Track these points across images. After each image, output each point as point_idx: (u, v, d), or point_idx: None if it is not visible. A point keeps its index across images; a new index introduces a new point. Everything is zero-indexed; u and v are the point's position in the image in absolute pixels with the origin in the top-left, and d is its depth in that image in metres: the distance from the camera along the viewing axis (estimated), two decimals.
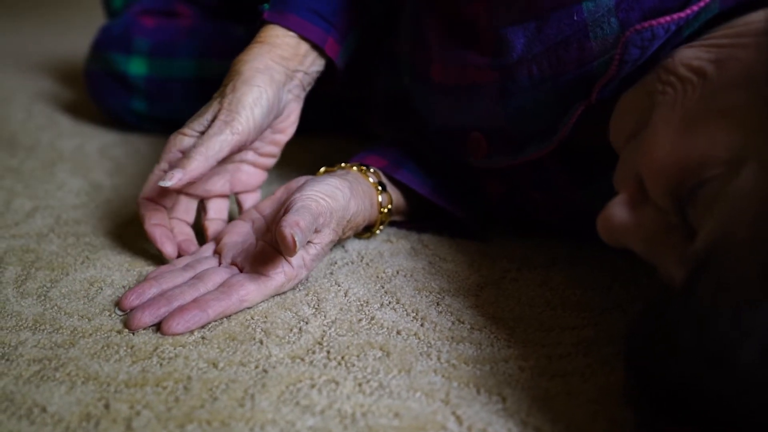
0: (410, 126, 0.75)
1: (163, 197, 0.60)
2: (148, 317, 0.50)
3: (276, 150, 0.66)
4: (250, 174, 0.65)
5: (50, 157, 0.88)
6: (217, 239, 0.60)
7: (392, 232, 0.68)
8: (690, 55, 0.44)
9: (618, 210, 0.45)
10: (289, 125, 0.65)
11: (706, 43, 0.44)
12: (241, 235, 0.60)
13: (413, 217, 0.70)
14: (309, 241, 0.55)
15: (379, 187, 0.64)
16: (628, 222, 0.44)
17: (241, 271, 0.56)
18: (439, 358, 0.48)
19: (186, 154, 0.56)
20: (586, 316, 0.54)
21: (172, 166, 0.57)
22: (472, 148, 0.63)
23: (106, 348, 0.48)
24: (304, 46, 0.64)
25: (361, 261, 0.62)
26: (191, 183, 0.57)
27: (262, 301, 0.54)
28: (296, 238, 0.50)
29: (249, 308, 0.54)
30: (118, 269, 0.59)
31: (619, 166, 0.47)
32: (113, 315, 0.52)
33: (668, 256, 0.42)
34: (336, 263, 0.62)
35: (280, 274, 0.54)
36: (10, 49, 1.59)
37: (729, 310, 0.33)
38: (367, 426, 0.42)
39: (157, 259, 0.61)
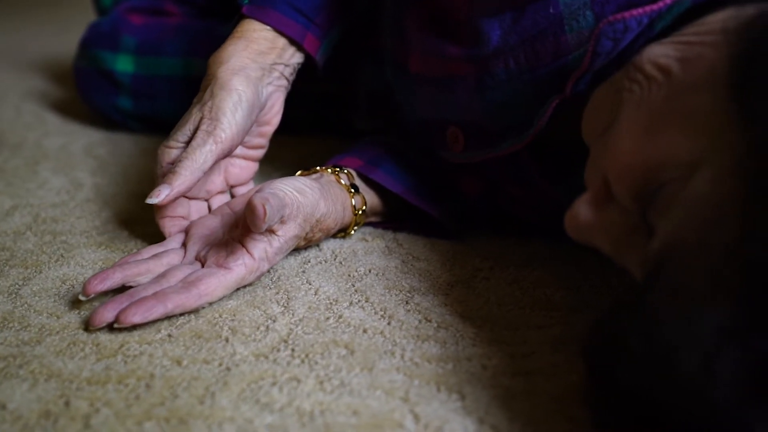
0: (392, 122, 0.76)
1: (174, 207, 0.61)
2: (110, 313, 0.50)
3: (264, 141, 0.66)
4: (243, 167, 0.66)
5: (34, 156, 0.88)
6: (186, 230, 0.61)
7: (368, 231, 0.68)
8: (658, 52, 0.43)
9: (583, 209, 0.45)
10: (273, 116, 0.66)
11: (675, 40, 0.44)
12: (208, 228, 0.60)
13: (390, 217, 0.70)
14: (273, 232, 0.55)
15: (352, 190, 0.65)
16: (593, 221, 0.44)
17: (203, 265, 0.56)
18: (402, 357, 0.48)
19: (172, 169, 0.57)
20: (555, 316, 0.54)
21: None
22: (449, 142, 0.64)
23: (72, 345, 0.49)
24: (282, 41, 0.64)
25: (335, 260, 0.62)
26: (181, 195, 0.58)
27: (225, 295, 0.54)
28: (267, 209, 0.51)
29: (216, 305, 0.54)
30: (92, 268, 0.60)
31: (589, 163, 0.47)
32: (82, 313, 0.53)
33: (633, 257, 0.42)
34: (309, 262, 0.62)
35: (241, 266, 0.54)
36: (7, 47, 1.60)
37: (675, 315, 0.33)
38: (325, 424, 0.42)
39: None
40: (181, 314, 0.52)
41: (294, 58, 0.66)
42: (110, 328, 0.50)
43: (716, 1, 0.43)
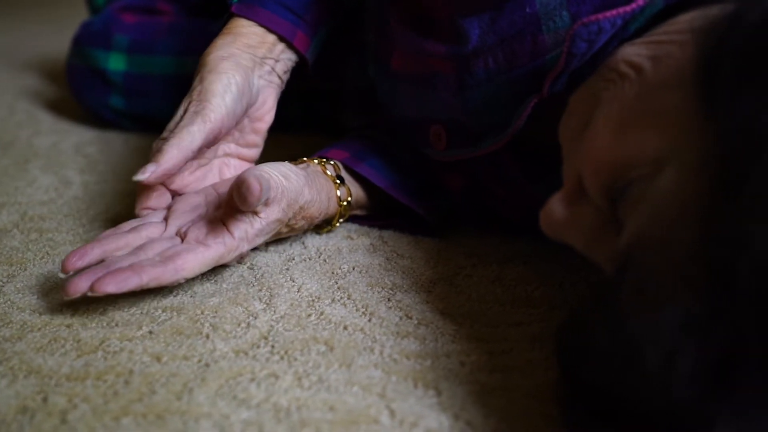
0: (378, 119, 0.76)
1: (158, 200, 0.60)
2: (85, 283, 0.49)
3: (258, 139, 0.66)
4: (237, 167, 0.65)
5: (25, 154, 0.88)
6: (169, 206, 0.60)
7: (353, 229, 0.69)
8: (631, 51, 0.44)
9: (557, 206, 0.45)
10: (266, 112, 0.65)
11: (647, 40, 0.44)
12: (191, 205, 0.59)
13: (375, 213, 0.70)
14: (255, 214, 0.55)
15: (338, 181, 0.65)
16: (566, 218, 0.44)
17: (183, 241, 0.55)
18: (381, 353, 0.49)
19: (159, 147, 0.57)
20: (535, 313, 0.54)
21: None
22: (432, 139, 0.64)
23: (53, 342, 0.49)
24: (272, 37, 0.64)
25: (319, 257, 0.63)
26: (169, 175, 0.57)
27: (201, 272, 0.54)
28: (261, 182, 0.51)
29: (198, 302, 0.54)
30: None
31: (565, 162, 0.47)
32: (64, 310, 0.53)
33: (605, 254, 0.43)
34: (293, 259, 0.62)
35: (221, 244, 0.54)
36: (2, 46, 1.60)
37: (639, 312, 0.33)
38: (301, 419, 0.42)
39: None
40: (163, 311, 0.53)
41: (285, 54, 0.66)
42: (88, 300, 0.50)
43: (689, 1, 0.44)
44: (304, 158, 0.66)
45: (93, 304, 0.53)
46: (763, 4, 0.34)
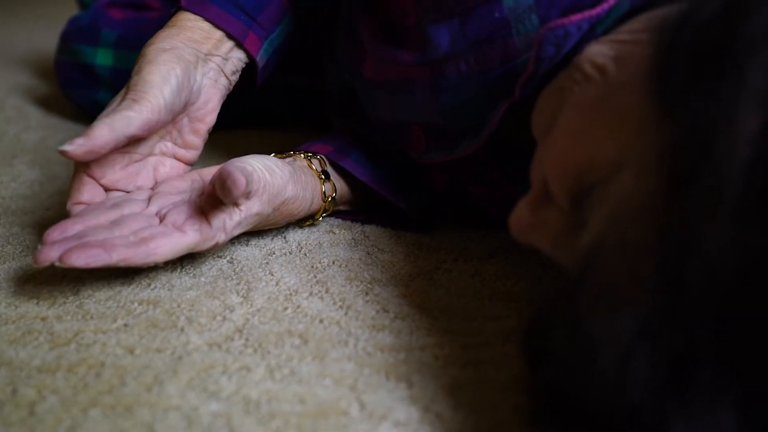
0: (360, 117, 0.76)
1: (91, 195, 0.57)
2: (55, 252, 0.49)
3: (197, 141, 0.63)
4: (174, 167, 0.62)
5: (12, 150, 0.88)
6: (154, 186, 0.59)
7: (336, 223, 0.68)
8: (596, 51, 0.44)
9: (524, 210, 0.45)
10: (208, 113, 0.62)
11: (611, 39, 0.44)
12: (176, 188, 0.59)
13: (358, 207, 0.70)
14: (236, 206, 0.55)
15: (323, 176, 0.65)
16: (533, 222, 0.44)
17: (161, 222, 0.55)
18: (355, 346, 0.48)
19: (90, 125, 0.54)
20: (512, 307, 0.54)
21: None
22: (412, 142, 0.64)
23: (26, 334, 0.49)
24: (218, 33, 0.61)
25: (300, 251, 0.63)
26: (97, 154, 0.54)
27: (173, 258, 0.53)
28: (246, 176, 0.50)
29: (176, 295, 0.54)
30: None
31: (533, 164, 0.47)
32: (40, 303, 0.53)
33: (571, 257, 0.42)
34: (274, 253, 0.62)
35: (197, 232, 0.53)
36: None
37: (595, 313, 0.33)
38: (270, 412, 0.42)
39: None
40: (140, 303, 0.52)
41: (234, 53, 0.63)
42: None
43: (653, 3, 0.43)
44: (291, 152, 0.66)
45: (70, 297, 0.53)
46: (716, 1, 0.34)
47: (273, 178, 0.56)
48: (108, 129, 0.53)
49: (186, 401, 0.42)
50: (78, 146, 0.52)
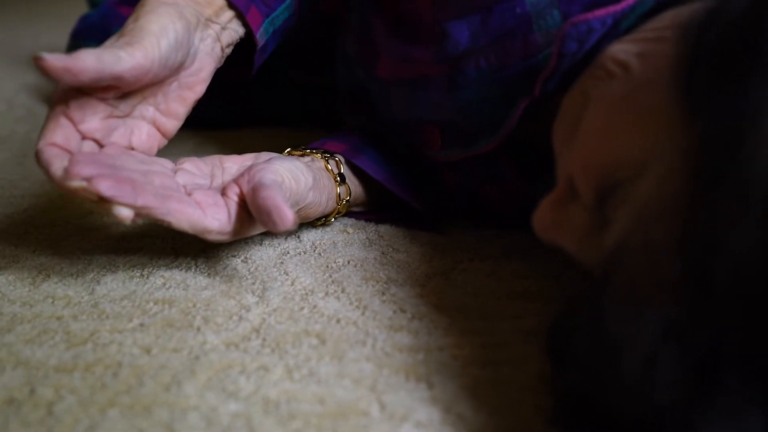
0: (373, 115, 0.75)
1: (65, 138, 0.52)
2: (88, 169, 0.45)
3: (181, 111, 0.57)
4: (150, 135, 0.57)
5: (22, 148, 0.88)
6: (179, 162, 0.57)
7: (350, 223, 0.68)
8: (619, 49, 0.43)
9: (548, 208, 0.45)
10: (198, 82, 0.57)
11: (635, 37, 0.43)
12: (200, 169, 0.57)
13: (372, 208, 0.70)
14: None
15: (338, 179, 0.64)
16: (558, 220, 0.44)
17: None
18: (373, 346, 0.48)
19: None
20: (531, 307, 0.54)
21: None
22: (427, 140, 0.63)
23: (42, 334, 0.49)
24: (220, 0, 0.58)
25: (314, 251, 0.62)
26: (76, 77, 0.47)
27: (184, 231, 0.50)
28: (294, 221, 0.49)
29: (191, 295, 0.53)
30: (68, 257, 0.59)
31: (557, 163, 0.47)
32: (55, 302, 0.52)
33: (597, 257, 0.42)
34: (288, 253, 0.62)
35: (215, 222, 0.51)
36: (1, 41, 1.60)
37: (620, 315, 0.33)
38: (289, 412, 0.41)
39: (111, 250, 0.61)
40: (155, 303, 0.52)
41: (233, 24, 0.59)
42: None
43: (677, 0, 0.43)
44: (307, 149, 0.65)
45: (85, 296, 0.53)
46: None
47: (297, 186, 0.55)
48: (95, 57, 0.47)
49: (205, 401, 0.42)
50: (57, 59, 0.46)
